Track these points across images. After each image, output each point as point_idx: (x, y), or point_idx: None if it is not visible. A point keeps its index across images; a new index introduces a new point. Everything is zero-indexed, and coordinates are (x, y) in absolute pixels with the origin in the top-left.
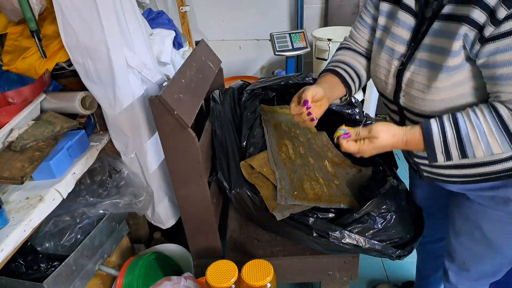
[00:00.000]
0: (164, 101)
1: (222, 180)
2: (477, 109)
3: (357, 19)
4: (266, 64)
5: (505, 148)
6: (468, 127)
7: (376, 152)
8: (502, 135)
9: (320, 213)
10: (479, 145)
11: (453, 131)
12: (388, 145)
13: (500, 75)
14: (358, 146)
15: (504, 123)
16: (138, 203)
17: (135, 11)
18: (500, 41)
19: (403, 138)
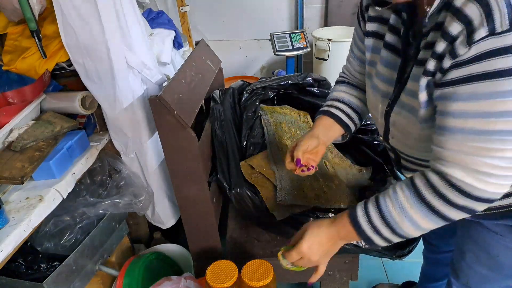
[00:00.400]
0: (164, 101)
1: (222, 180)
2: (399, 184)
3: (349, 50)
4: (266, 64)
5: (433, 221)
6: (388, 204)
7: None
8: (423, 208)
9: (320, 213)
10: (404, 222)
11: (376, 211)
12: (321, 239)
13: (439, 125)
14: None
15: (421, 194)
16: (138, 203)
17: (135, 11)
18: (443, 90)
19: (332, 227)
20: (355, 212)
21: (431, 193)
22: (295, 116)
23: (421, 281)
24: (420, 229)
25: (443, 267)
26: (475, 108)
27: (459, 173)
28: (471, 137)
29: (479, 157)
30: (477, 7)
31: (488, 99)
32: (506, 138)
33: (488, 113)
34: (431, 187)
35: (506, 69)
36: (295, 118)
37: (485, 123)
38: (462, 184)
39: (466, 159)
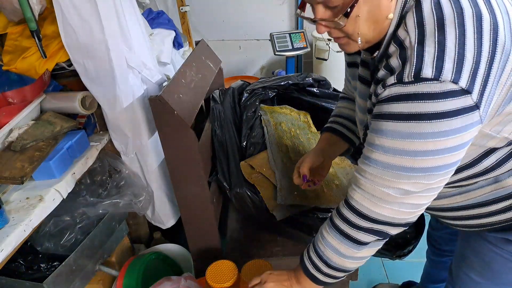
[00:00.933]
0: (164, 101)
1: (222, 180)
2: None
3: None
4: (266, 64)
5: (350, 246)
6: (317, 240)
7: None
8: (337, 234)
9: (320, 213)
10: (328, 250)
11: (312, 250)
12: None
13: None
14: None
15: (333, 222)
16: (138, 203)
17: (135, 11)
18: (371, 120)
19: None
20: (302, 257)
21: (338, 218)
22: (295, 116)
23: (423, 281)
24: (345, 256)
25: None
26: (379, 142)
27: (358, 196)
28: (373, 166)
29: (377, 185)
30: (397, 59)
31: (390, 136)
32: (401, 173)
33: (388, 148)
34: (338, 213)
35: (406, 114)
36: (295, 118)
37: (385, 157)
38: (359, 206)
39: (366, 184)
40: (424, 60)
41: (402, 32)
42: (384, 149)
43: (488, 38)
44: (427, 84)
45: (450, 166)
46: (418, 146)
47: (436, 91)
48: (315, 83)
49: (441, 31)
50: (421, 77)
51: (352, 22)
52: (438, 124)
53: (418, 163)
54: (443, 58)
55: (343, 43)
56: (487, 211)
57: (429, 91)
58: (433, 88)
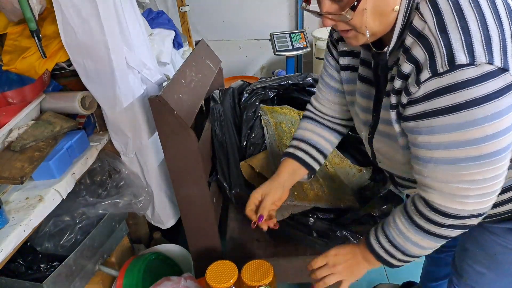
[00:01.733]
0: (164, 101)
1: (222, 180)
2: (397, 211)
3: (319, 80)
4: (266, 64)
5: (433, 241)
6: (392, 231)
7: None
8: (419, 231)
9: (320, 213)
10: (408, 244)
11: (385, 238)
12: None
13: (413, 153)
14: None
15: (413, 220)
16: (138, 203)
17: (135, 11)
18: (407, 123)
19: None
20: (370, 242)
21: (421, 219)
22: (295, 116)
23: (423, 280)
24: (425, 248)
25: (445, 267)
26: (435, 140)
27: (438, 199)
28: (440, 166)
29: (452, 183)
30: (421, 49)
31: (445, 132)
32: (470, 163)
33: (448, 143)
34: (419, 213)
35: (453, 105)
36: (295, 118)
37: (448, 152)
38: (443, 208)
39: (441, 186)
40: (453, 47)
41: (418, 22)
42: (445, 146)
43: (505, 15)
44: (464, 70)
45: None
46: (476, 133)
47: (475, 75)
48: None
49: (461, 16)
50: (456, 64)
51: (359, 15)
52: (488, 107)
53: (483, 149)
54: (471, 42)
55: (350, 36)
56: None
57: (468, 77)
58: (471, 73)
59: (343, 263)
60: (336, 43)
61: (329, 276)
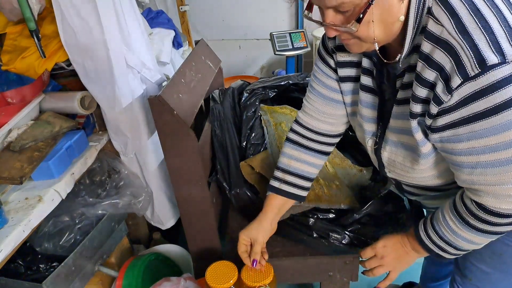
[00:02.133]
0: (164, 101)
1: (222, 180)
2: (445, 208)
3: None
4: (266, 64)
5: (486, 237)
6: (442, 229)
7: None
8: (472, 230)
9: (320, 213)
10: (460, 241)
11: (435, 234)
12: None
13: (453, 162)
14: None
15: (465, 220)
16: (137, 203)
17: (135, 11)
18: (441, 133)
19: (408, 245)
20: (419, 235)
21: (476, 220)
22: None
23: (423, 280)
24: (477, 244)
25: (445, 267)
26: (480, 144)
27: (493, 202)
28: (489, 169)
29: (504, 185)
30: (444, 54)
31: (490, 135)
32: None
33: (494, 146)
34: (473, 216)
35: (491, 108)
36: None
37: (495, 155)
38: (499, 209)
39: (494, 189)
40: (480, 48)
41: (434, 26)
42: (491, 148)
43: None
44: (497, 70)
45: None
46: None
47: (510, 73)
48: None
49: (479, 15)
50: (488, 65)
51: (364, 27)
52: None
53: None
54: (497, 40)
55: (351, 43)
56: None
57: (503, 76)
58: (505, 71)
59: (392, 254)
60: (332, 52)
61: (378, 268)
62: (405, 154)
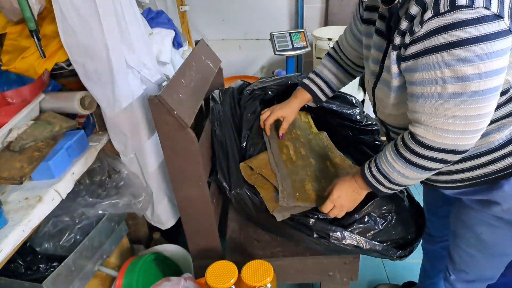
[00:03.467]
0: (164, 101)
1: (221, 180)
2: (387, 146)
3: (348, 24)
4: (266, 64)
5: (416, 171)
6: (381, 161)
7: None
8: (403, 161)
9: (320, 213)
10: (393, 173)
11: (374, 165)
12: (347, 189)
13: (408, 92)
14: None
15: (399, 151)
16: (137, 203)
17: (135, 11)
18: (406, 62)
19: (353, 180)
20: (363, 170)
21: (404, 149)
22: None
23: (421, 279)
24: (408, 178)
25: (441, 261)
26: (429, 76)
27: (422, 132)
28: (429, 101)
29: (436, 117)
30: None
31: (438, 68)
32: (455, 99)
33: (439, 79)
34: (404, 144)
35: (448, 43)
36: (296, 119)
37: (437, 88)
38: (424, 140)
39: (427, 119)
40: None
41: None
42: (435, 82)
43: None
44: (463, 11)
45: (496, 89)
46: (465, 71)
47: (472, 17)
48: None
49: None
50: (457, 5)
51: None
52: (479, 47)
53: (468, 87)
54: None
55: None
56: (477, 163)
57: (465, 18)
58: (469, 14)
59: (347, 198)
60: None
61: (339, 213)
62: (385, 90)
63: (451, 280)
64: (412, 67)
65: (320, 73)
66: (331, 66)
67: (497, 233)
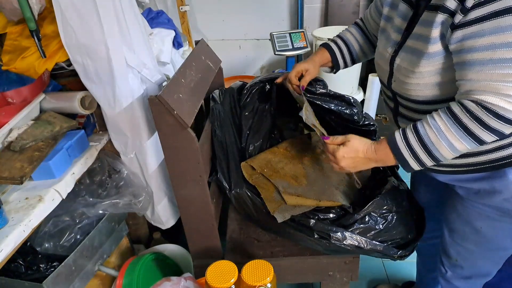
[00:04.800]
0: (164, 101)
1: (222, 180)
2: (434, 112)
3: (373, 2)
4: (266, 64)
5: (467, 143)
6: (426, 128)
7: (350, 162)
8: (460, 131)
9: (321, 213)
10: (441, 144)
11: (414, 135)
12: (359, 149)
13: (464, 61)
14: (332, 147)
15: (458, 118)
16: (137, 203)
17: (135, 11)
18: (466, 29)
19: (372, 147)
20: (394, 138)
21: (468, 118)
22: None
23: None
24: (455, 151)
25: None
26: (501, 39)
27: (492, 99)
28: (499, 66)
29: (509, 83)
30: None
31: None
32: None
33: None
34: (468, 112)
35: None
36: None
37: (510, 52)
38: (496, 108)
39: (497, 86)
40: None
41: None
42: (508, 45)
43: None
44: None
45: None
46: None
47: None
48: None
49: None
50: None
51: None
52: None
53: None
54: None
55: None
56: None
57: None
58: None
59: (349, 161)
60: None
61: (333, 164)
62: (411, 59)
63: (447, 277)
64: (476, 31)
65: (344, 37)
66: (356, 34)
67: (496, 227)
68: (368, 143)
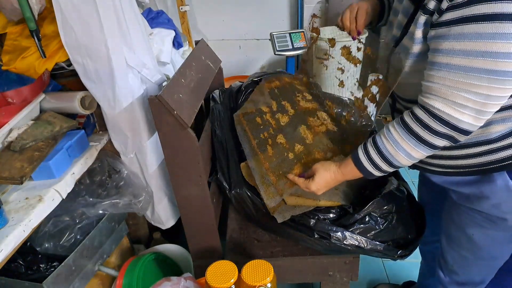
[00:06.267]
0: (164, 101)
1: (222, 180)
2: (390, 123)
3: None
4: (266, 64)
5: (422, 150)
6: (384, 140)
7: (324, 188)
8: (413, 139)
9: (321, 214)
10: (398, 154)
11: (373, 148)
12: (327, 178)
13: (430, 61)
14: (305, 183)
15: (409, 127)
16: (137, 203)
17: (135, 11)
18: (437, 30)
19: (338, 171)
20: (357, 154)
21: (418, 126)
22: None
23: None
24: (412, 158)
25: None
26: (460, 46)
27: (439, 104)
28: (453, 72)
29: (457, 91)
30: None
31: (472, 39)
32: (482, 76)
33: (470, 51)
34: (417, 121)
35: (489, 14)
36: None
37: (467, 60)
38: (442, 114)
39: (446, 92)
40: None
41: None
42: (465, 53)
43: None
44: None
45: None
46: (500, 47)
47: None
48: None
49: None
50: None
51: None
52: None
53: (499, 65)
54: None
55: None
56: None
57: None
58: None
59: (322, 189)
60: None
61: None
62: (401, 57)
63: (444, 282)
64: (443, 34)
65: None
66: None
67: (487, 235)
68: (333, 168)
